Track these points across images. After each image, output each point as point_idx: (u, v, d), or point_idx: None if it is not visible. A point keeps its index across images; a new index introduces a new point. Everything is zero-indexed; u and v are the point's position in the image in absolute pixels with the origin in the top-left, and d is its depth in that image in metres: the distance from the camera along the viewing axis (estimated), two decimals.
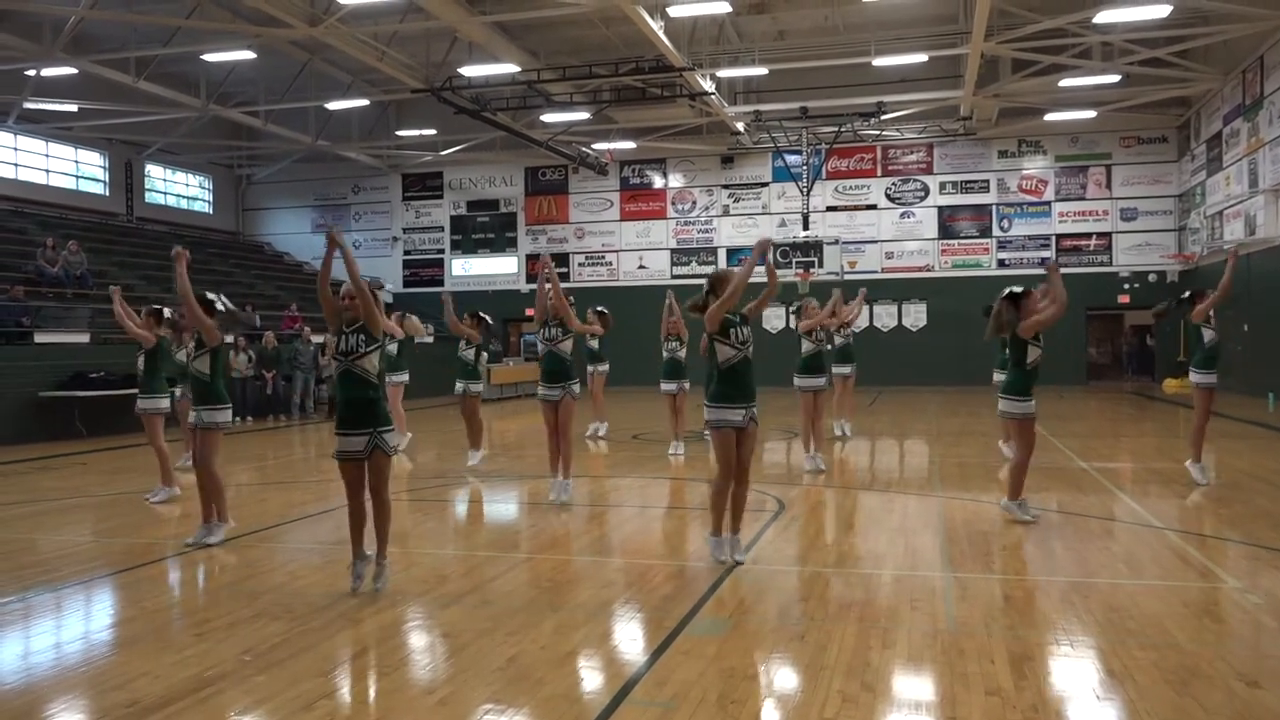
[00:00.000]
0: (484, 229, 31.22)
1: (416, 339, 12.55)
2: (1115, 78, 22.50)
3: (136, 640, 5.05)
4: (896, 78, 23.43)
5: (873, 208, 28.09)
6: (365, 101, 25.90)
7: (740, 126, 26.22)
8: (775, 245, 26.14)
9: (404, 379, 13.11)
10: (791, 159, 26.97)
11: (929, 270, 27.69)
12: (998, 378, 10.91)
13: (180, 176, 31.08)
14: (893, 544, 7.06)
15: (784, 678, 4.41)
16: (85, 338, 17.39)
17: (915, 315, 27.68)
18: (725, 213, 29.16)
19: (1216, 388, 9.54)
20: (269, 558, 6.96)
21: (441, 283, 31.01)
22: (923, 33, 21.99)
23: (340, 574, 6.21)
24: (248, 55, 20.95)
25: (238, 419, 18.26)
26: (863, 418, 16.86)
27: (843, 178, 28.21)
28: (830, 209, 28.00)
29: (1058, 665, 4.51)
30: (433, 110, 24.61)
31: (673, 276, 28.92)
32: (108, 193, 27.96)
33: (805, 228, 26.34)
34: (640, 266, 29.68)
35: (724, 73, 22.50)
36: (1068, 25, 19.52)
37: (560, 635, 4.97)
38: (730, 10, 19.10)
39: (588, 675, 4.52)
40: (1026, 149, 27.23)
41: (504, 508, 9.59)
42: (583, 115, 24.94)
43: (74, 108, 24.27)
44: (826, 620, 5.18)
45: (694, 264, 29.11)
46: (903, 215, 27.95)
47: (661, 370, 12.69)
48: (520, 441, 14.86)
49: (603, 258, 30.05)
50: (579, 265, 30.14)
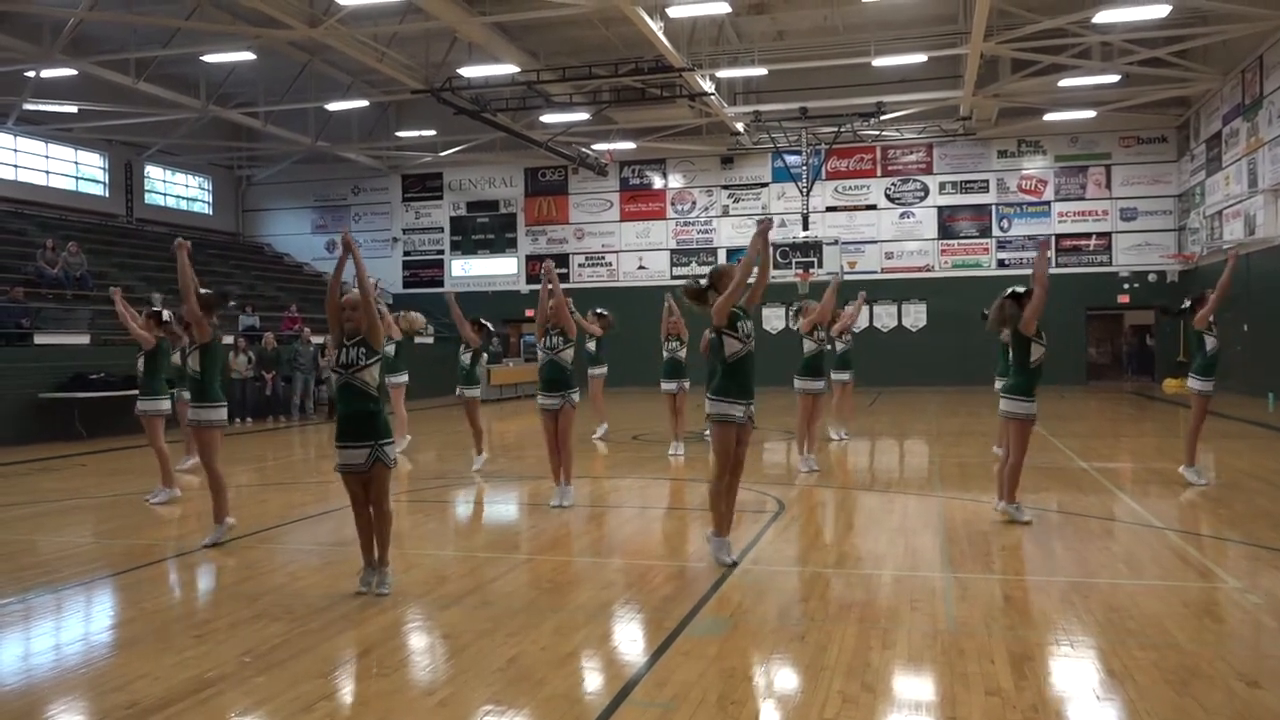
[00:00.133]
0: (484, 230, 31.22)
1: (416, 337, 12.50)
2: (1115, 78, 22.51)
3: (136, 641, 5.05)
4: (896, 78, 23.43)
5: (872, 208, 28.10)
6: (365, 102, 25.91)
7: (740, 127, 26.22)
8: (775, 246, 26.14)
9: (404, 380, 13.15)
10: (791, 159, 26.98)
11: (929, 270, 27.70)
12: (998, 385, 10.87)
13: (180, 178, 31.08)
14: (893, 544, 7.06)
15: (784, 678, 4.42)
16: (85, 339, 17.39)
17: (915, 315, 27.68)
18: (725, 213, 29.17)
19: (1212, 394, 9.55)
20: (269, 559, 6.96)
21: (441, 283, 31.01)
22: (922, 33, 21.99)
23: (340, 575, 6.23)
24: (247, 56, 20.95)
25: (237, 420, 18.28)
26: (863, 418, 16.85)
27: (842, 178, 28.22)
28: (830, 209, 28.02)
29: (1058, 665, 4.51)
30: (432, 111, 24.62)
31: (672, 277, 28.90)
32: (107, 194, 27.97)
33: (805, 228, 26.35)
34: (640, 267, 29.70)
35: (723, 73, 22.50)
36: (1067, 25, 19.52)
37: (560, 636, 4.97)
38: (730, 11, 19.10)
39: (588, 676, 4.53)
40: (1026, 149, 27.24)
41: (504, 509, 9.58)
42: (582, 116, 24.95)
43: (74, 109, 24.27)
44: (826, 621, 5.18)
45: (694, 264, 29.09)
46: (902, 215, 27.96)
47: (662, 370, 12.74)
48: (520, 442, 14.85)
49: (602, 258, 30.06)
50: (579, 266, 30.14)
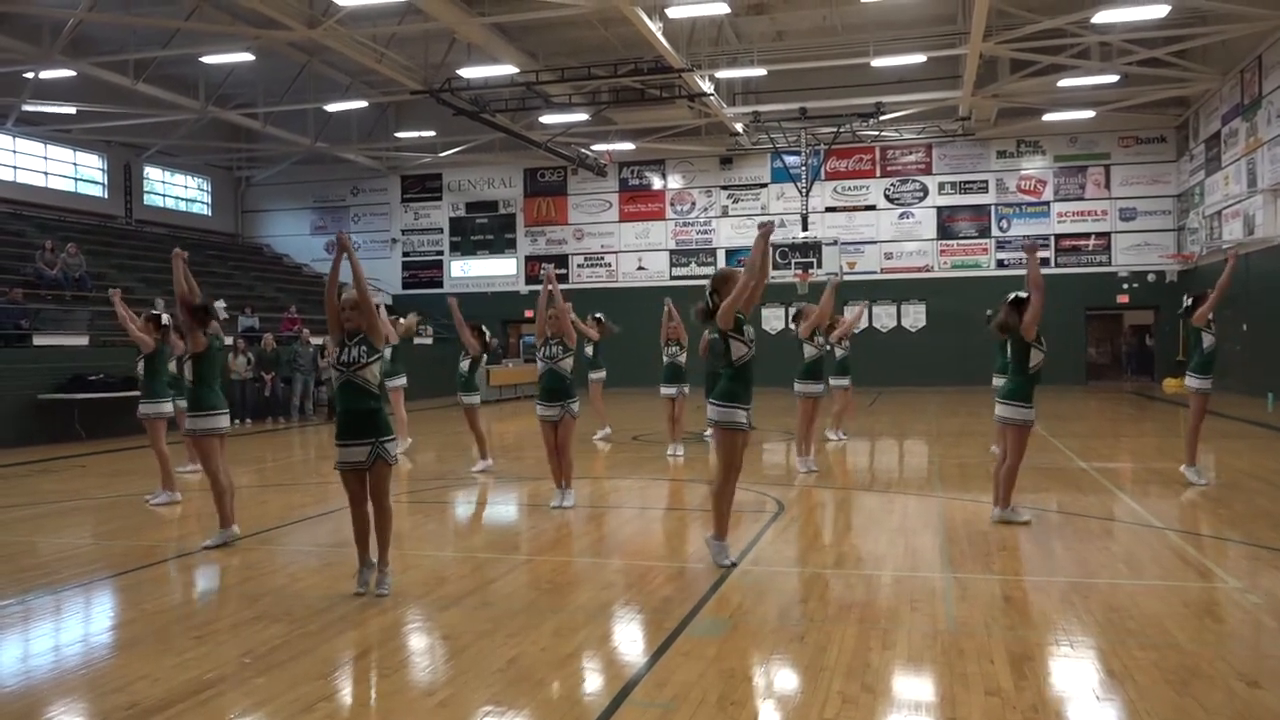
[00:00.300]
0: (483, 230, 31.23)
1: (415, 339, 12.49)
2: (1114, 78, 22.52)
3: (136, 643, 5.05)
4: (895, 78, 23.44)
5: (871, 208, 28.11)
6: (364, 103, 25.92)
7: (739, 127, 26.22)
8: (775, 246, 26.14)
9: (402, 382, 13.16)
10: (790, 160, 26.99)
11: (928, 271, 27.70)
12: (997, 382, 10.86)
13: (179, 179, 31.08)
14: (892, 545, 7.06)
15: (784, 679, 4.41)
16: (84, 340, 17.38)
17: (914, 316, 27.69)
18: (724, 214, 29.18)
19: (1211, 392, 9.56)
20: (269, 560, 6.95)
21: (440, 284, 31.02)
22: (921, 33, 21.99)
23: (340, 576, 6.22)
24: (246, 57, 20.95)
25: (237, 421, 18.27)
26: (862, 418, 16.86)
27: (841, 178, 28.22)
28: (829, 210, 28.02)
29: (1058, 665, 4.51)
30: (431, 112, 24.61)
31: (672, 278, 28.95)
32: (106, 195, 27.96)
33: (804, 228, 26.35)
34: (639, 268, 29.70)
35: (723, 74, 22.50)
36: (1066, 25, 19.52)
37: (560, 637, 4.97)
38: (729, 11, 19.10)
39: (588, 676, 4.53)
40: (1025, 149, 27.25)
41: (503, 509, 9.58)
42: (581, 116, 24.95)
43: (73, 110, 24.27)
44: (826, 621, 5.18)
45: (693, 265, 29.11)
46: (901, 216, 27.96)
47: (662, 375, 12.73)
48: (519, 443, 14.85)
49: (602, 259, 30.05)
50: (578, 267, 30.14)
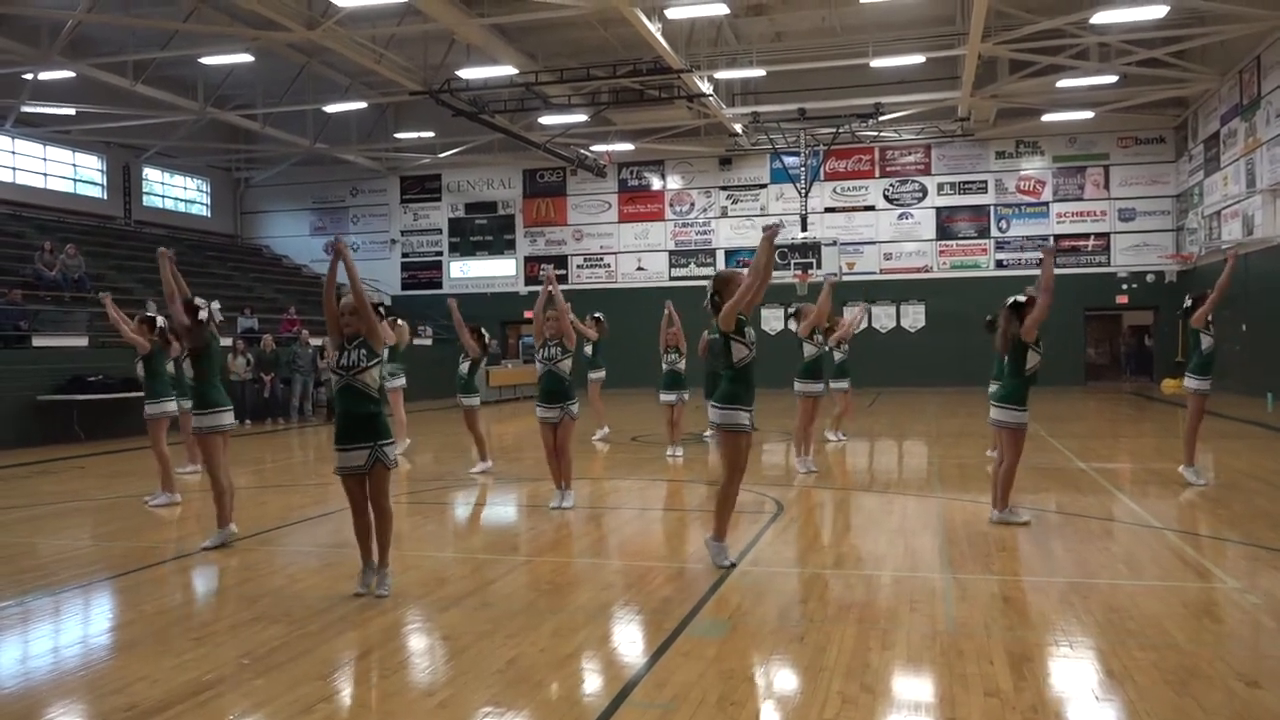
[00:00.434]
0: (482, 231, 31.24)
1: (414, 340, 12.46)
2: (1113, 78, 22.54)
3: (135, 644, 5.04)
4: (894, 79, 23.45)
5: (871, 209, 28.12)
6: (363, 104, 25.93)
7: (738, 128, 26.23)
8: (775, 247, 26.16)
9: (401, 383, 13.12)
10: (789, 160, 26.99)
11: (927, 271, 27.71)
12: (993, 387, 10.84)
13: (178, 180, 31.07)
14: (892, 545, 7.06)
15: (783, 679, 4.41)
16: (83, 341, 17.37)
17: (914, 316, 27.70)
18: (723, 214, 29.18)
19: (1210, 393, 9.55)
20: (268, 561, 6.95)
21: (440, 285, 31.03)
22: (920, 34, 22.00)
23: (339, 577, 6.22)
24: (245, 58, 20.96)
25: (236, 422, 18.25)
26: (862, 419, 16.86)
27: (841, 179, 28.23)
28: (828, 210, 28.03)
29: (1057, 666, 4.51)
30: (431, 113, 24.61)
31: (671, 278, 28.96)
32: (106, 196, 27.96)
33: (803, 229, 26.34)
34: (639, 268, 29.70)
35: (722, 74, 22.50)
36: (1065, 26, 19.54)
37: (560, 637, 4.97)
38: (728, 12, 19.12)
39: (587, 677, 4.52)
40: (1024, 150, 27.26)
41: (503, 510, 9.58)
42: (581, 117, 24.96)
43: (72, 111, 24.27)
44: (826, 622, 5.18)
45: (692, 265, 29.12)
46: (901, 216, 27.97)
47: (661, 381, 12.68)
48: (519, 444, 14.85)
49: (601, 260, 30.06)
50: (577, 267, 30.15)
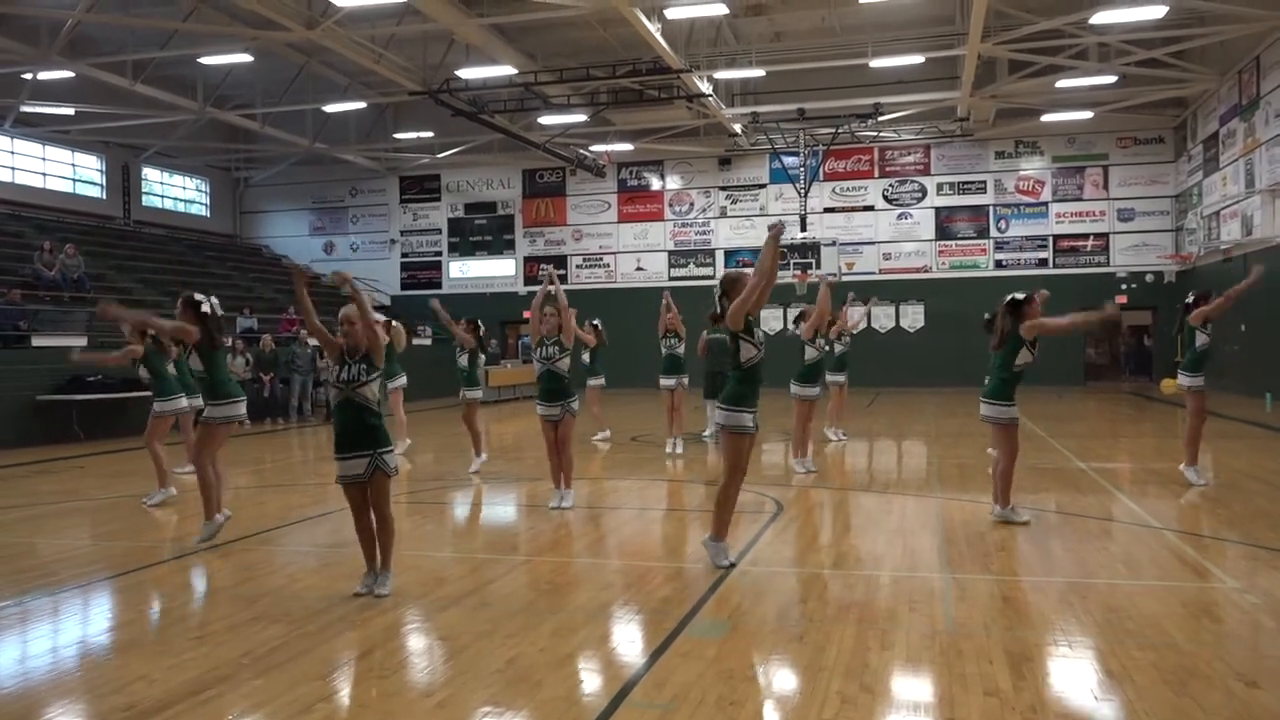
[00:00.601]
0: (481, 231, 31.22)
1: (399, 348, 12.34)
2: (1112, 78, 22.54)
3: (134, 644, 5.05)
4: (894, 79, 23.44)
5: (870, 209, 28.11)
6: (362, 104, 25.92)
7: (738, 128, 26.22)
8: (779, 245, 26.16)
9: (402, 383, 13.11)
10: (789, 160, 26.99)
11: (926, 271, 27.71)
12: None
13: (177, 179, 31.06)
14: (891, 545, 7.06)
15: (783, 679, 4.42)
16: (83, 341, 17.32)
17: (913, 316, 27.69)
18: (723, 214, 29.17)
19: (1205, 390, 9.55)
20: (267, 561, 6.95)
21: (439, 285, 31.04)
22: (920, 34, 22.00)
23: (338, 576, 6.22)
24: (245, 58, 20.94)
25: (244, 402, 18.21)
26: (861, 419, 16.86)
27: (840, 179, 28.23)
28: (828, 210, 28.02)
29: (1056, 666, 4.51)
30: (430, 113, 24.61)
31: (670, 278, 28.95)
32: (105, 196, 27.94)
33: (803, 229, 26.34)
34: (638, 268, 29.69)
35: (721, 74, 22.49)
36: (1064, 26, 19.53)
37: (559, 637, 4.97)
38: (727, 12, 19.11)
39: (587, 677, 4.53)
40: (1024, 150, 27.26)
41: (502, 510, 9.58)
42: (580, 117, 24.95)
43: (71, 111, 24.25)
44: (825, 621, 5.18)
45: (692, 265, 29.12)
46: (900, 216, 27.97)
47: (660, 366, 12.84)
48: (518, 444, 14.85)
49: (600, 260, 30.05)
50: (576, 267, 30.13)
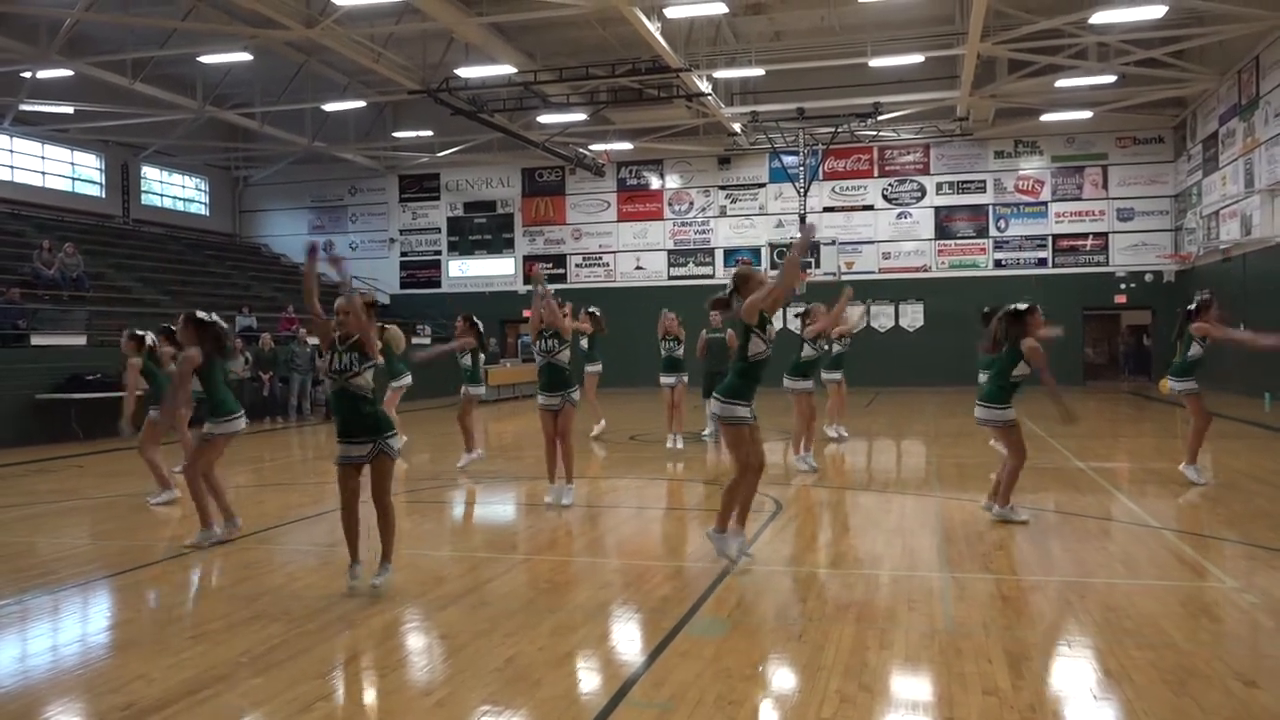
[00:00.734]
0: (481, 230, 31.21)
1: (398, 350, 12.10)
2: (1111, 78, 22.54)
3: (133, 643, 5.04)
4: (893, 78, 23.45)
5: (869, 208, 28.11)
6: (362, 103, 25.90)
7: (737, 127, 26.23)
8: (773, 246, 26.18)
9: (406, 382, 12.84)
10: (788, 160, 26.99)
11: (926, 271, 27.71)
12: (983, 378, 10.89)
13: (177, 178, 31.04)
14: (890, 544, 7.06)
15: (782, 678, 4.42)
16: (82, 340, 17.36)
17: (912, 316, 27.69)
18: (722, 214, 29.17)
19: (1199, 391, 9.52)
20: (266, 560, 6.95)
21: (439, 284, 31.06)
22: (919, 33, 22.00)
23: (337, 575, 6.21)
24: (244, 57, 20.93)
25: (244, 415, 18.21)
26: (860, 418, 16.87)
27: (839, 178, 28.22)
28: (827, 209, 28.01)
29: (1055, 665, 4.51)
30: (429, 112, 24.60)
31: (670, 277, 28.96)
32: (104, 195, 27.92)
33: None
34: (637, 267, 29.68)
35: (721, 74, 22.50)
36: (1064, 26, 19.53)
37: (558, 636, 4.97)
38: (727, 11, 19.10)
39: (586, 676, 4.53)
40: (1023, 149, 27.25)
41: (501, 509, 9.58)
42: (579, 116, 24.95)
43: (70, 109, 24.24)
44: (824, 621, 5.18)
45: (691, 265, 29.12)
46: (900, 216, 27.97)
47: (660, 365, 13.03)
48: (517, 443, 14.85)
49: (600, 259, 30.04)
50: (576, 266, 30.13)
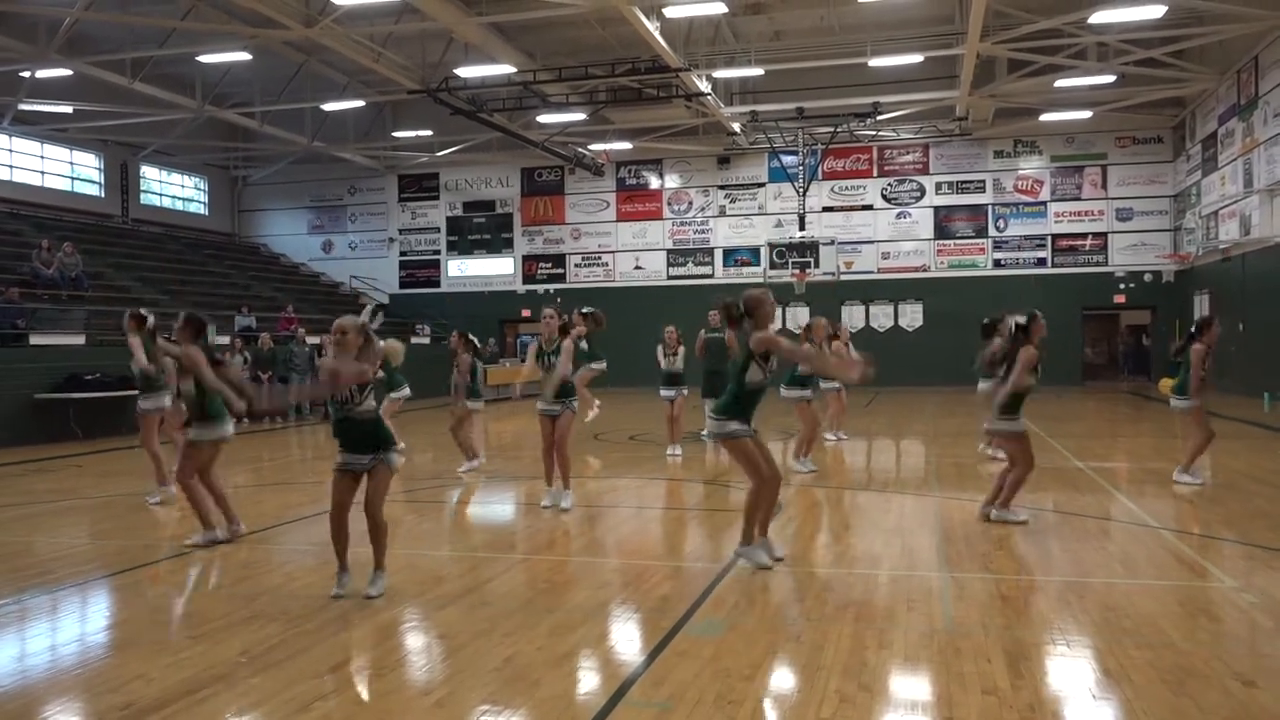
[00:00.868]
0: (480, 230, 31.20)
1: (396, 361, 11.94)
2: (1111, 78, 22.54)
3: (132, 642, 5.04)
4: (892, 78, 23.45)
5: (869, 208, 28.11)
6: (361, 103, 25.89)
7: (736, 127, 26.22)
8: (771, 246, 26.16)
9: (405, 394, 12.62)
10: (788, 159, 26.98)
11: (925, 270, 27.71)
12: (982, 386, 10.94)
13: (176, 178, 31.03)
14: (889, 544, 7.06)
15: (781, 678, 4.42)
16: (81, 339, 17.35)
17: (912, 315, 27.70)
18: (721, 213, 29.16)
19: (1199, 406, 9.50)
20: (265, 559, 6.95)
21: (438, 284, 31.05)
22: (918, 33, 22.00)
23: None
24: (243, 56, 20.92)
25: (233, 420, 18.22)
26: (859, 418, 16.87)
27: (839, 178, 28.22)
28: (826, 209, 28.02)
29: (1054, 665, 4.51)
30: (429, 111, 24.58)
31: (669, 277, 28.96)
32: (103, 194, 27.91)
33: (801, 228, 26.36)
34: (637, 267, 29.67)
35: (720, 73, 22.49)
36: (1063, 26, 19.53)
37: (557, 636, 4.97)
38: (726, 11, 19.10)
39: (584, 676, 4.53)
40: (1022, 149, 27.25)
41: (500, 509, 9.58)
42: (579, 116, 24.94)
43: (69, 109, 24.23)
44: (823, 620, 5.18)
45: (690, 265, 29.12)
46: (899, 215, 27.97)
47: (661, 378, 12.85)
48: (517, 443, 14.85)
49: (599, 258, 30.03)
50: (575, 266, 30.13)
